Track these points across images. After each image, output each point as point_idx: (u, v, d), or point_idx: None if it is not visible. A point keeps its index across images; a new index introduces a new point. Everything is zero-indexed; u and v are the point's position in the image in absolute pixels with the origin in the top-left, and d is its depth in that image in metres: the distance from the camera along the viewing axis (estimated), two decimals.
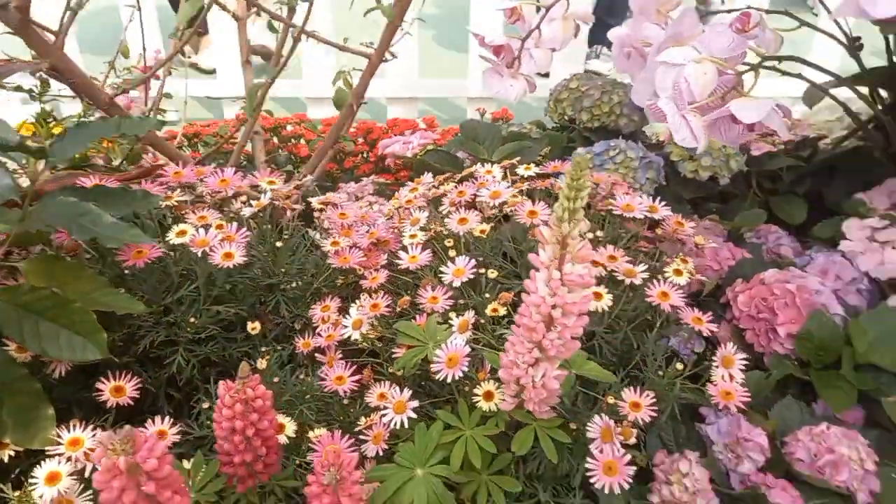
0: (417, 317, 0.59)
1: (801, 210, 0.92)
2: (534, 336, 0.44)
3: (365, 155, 1.16)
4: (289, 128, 1.24)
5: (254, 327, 0.65)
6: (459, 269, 0.58)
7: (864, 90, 0.89)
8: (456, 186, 0.67)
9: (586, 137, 0.96)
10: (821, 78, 0.85)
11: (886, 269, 0.78)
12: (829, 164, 0.96)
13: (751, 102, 0.56)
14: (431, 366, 0.54)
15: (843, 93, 0.90)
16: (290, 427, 0.56)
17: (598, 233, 0.63)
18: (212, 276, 0.64)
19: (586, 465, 0.50)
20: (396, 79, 1.76)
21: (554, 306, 0.42)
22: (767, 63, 0.70)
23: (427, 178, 0.71)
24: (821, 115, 1.09)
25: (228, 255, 0.61)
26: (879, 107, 0.88)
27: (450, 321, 0.57)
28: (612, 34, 0.85)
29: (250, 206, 0.70)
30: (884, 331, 0.71)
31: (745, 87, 0.62)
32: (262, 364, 0.62)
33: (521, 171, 0.71)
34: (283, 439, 0.54)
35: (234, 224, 0.65)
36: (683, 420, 0.69)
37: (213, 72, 2.03)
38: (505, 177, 0.71)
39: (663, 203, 0.67)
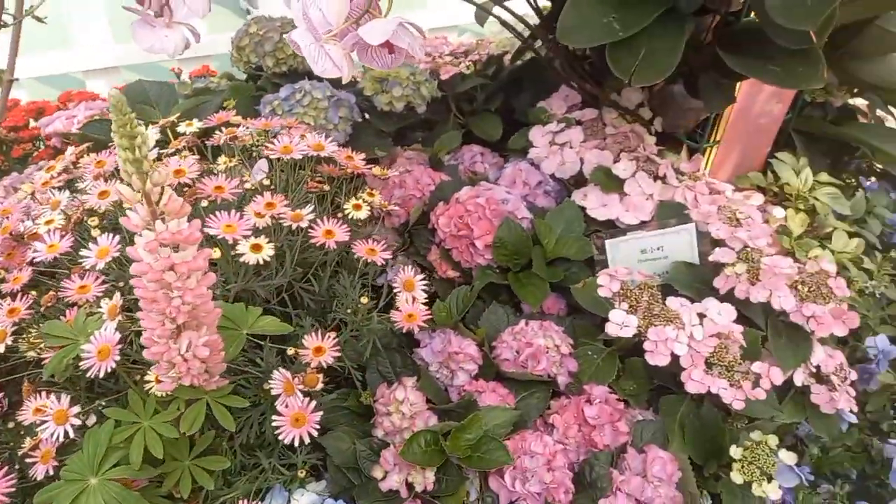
0: (68, 311, 0.51)
1: (496, 126, 0.95)
2: (158, 307, 0.39)
3: (40, 140, 1.01)
4: None
5: None
6: (103, 248, 0.51)
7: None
8: (96, 156, 0.59)
9: (276, 84, 0.91)
10: None
11: (567, 168, 0.84)
12: (515, 78, 1.01)
13: (377, 24, 0.54)
14: (81, 363, 0.47)
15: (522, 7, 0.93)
16: None
17: (266, 181, 0.59)
18: None
19: (273, 423, 0.47)
20: (88, 49, 1.56)
21: (165, 270, 0.37)
22: None
23: (68, 153, 0.62)
24: (505, 33, 1.14)
25: None
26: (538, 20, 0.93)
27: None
28: None
29: None
30: (567, 225, 0.77)
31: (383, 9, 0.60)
32: None
33: (182, 128, 0.64)
34: None
35: None
36: (404, 348, 0.69)
37: None
38: (165, 137, 0.64)
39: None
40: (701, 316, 0.64)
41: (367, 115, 0.92)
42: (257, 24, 0.93)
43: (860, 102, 1.03)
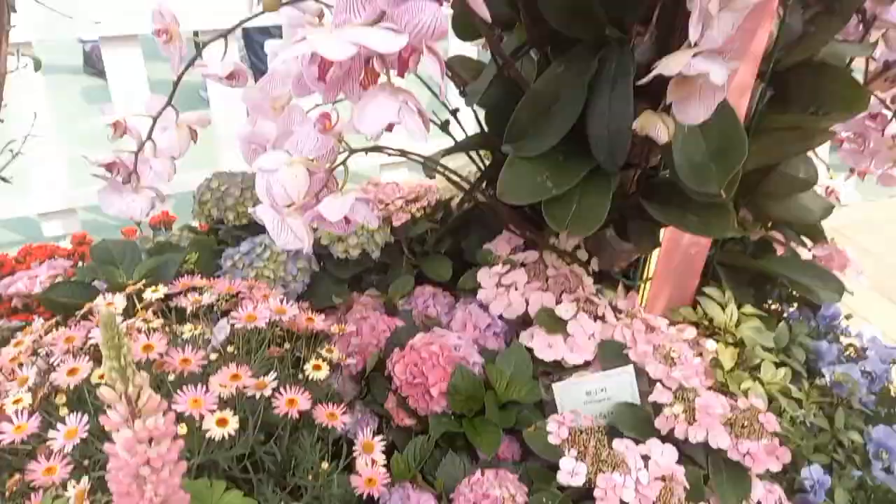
0: (34, 495, 0.52)
1: (446, 267, 1.01)
2: (131, 500, 0.41)
3: None
4: None
5: None
6: (72, 429, 0.53)
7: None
8: (66, 331, 0.62)
9: (236, 236, 0.95)
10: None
11: (513, 310, 0.89)
12: (463, 221, 1.08)
13: (335, 201, 0.60)
14: None
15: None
16: None
17: (229, 348, 0.63)
18: None
19: None
20: (44, 191, 1.60)
21: (140, 465, 0.39)
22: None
23: (36, 324, 0.64)
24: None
25: None
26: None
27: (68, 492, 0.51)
28: (237, 133, 0.86)
29: None
30: (517, 367, 0.81)
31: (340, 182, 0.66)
32: None
33: (148, 294, 0.67)
34: None
35: None
36: None
37: None
38: (131, 304, 0.67)
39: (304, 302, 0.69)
40: (645, 458, 0.68)
41: (323, 263, 0.97)
42: (218, 180, 0.99)
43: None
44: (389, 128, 0.46)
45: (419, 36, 0.39)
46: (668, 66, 0.56)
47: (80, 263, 1.10)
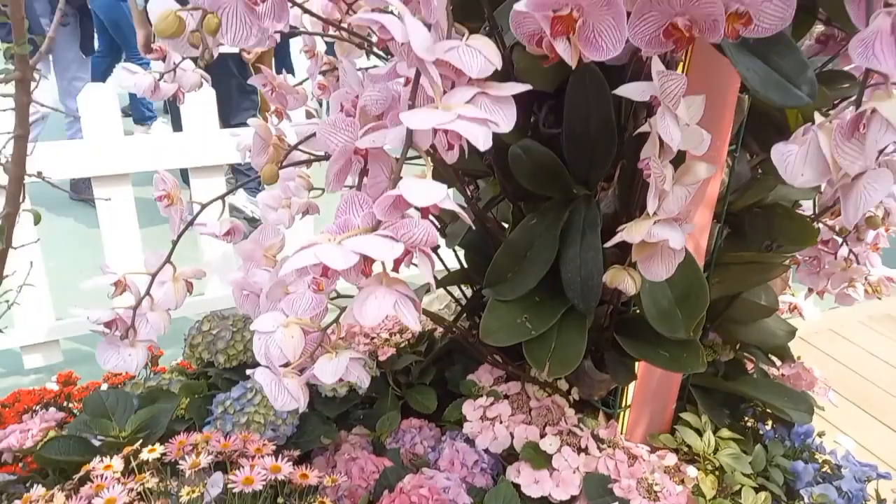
0: None
1: (431, 399, 1.04)
2: None
3: None
4: None
5: None
6: None
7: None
8: (66, 499, 0.63)
9: (227, 379, 0.98)
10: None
11: (499, 443, 0.92)
12: (446, 352, 1.12)
13: (329, 363, 0.63)
14: None
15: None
16: None
17: None
18: None
19: None
20: (26, 324, 1.61)
21: None
22: None
23: (35, 491, 0.65)
24: (433, 305, 1.28)
25: None
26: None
27: None
28: (230, 280, 0.91)
29: None
30: None
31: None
32: None
33: (144, 454, 0.69)
34: None
35: None
36: None
37: None
38: (128, 466, 0.68)
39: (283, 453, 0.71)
40: None
41: (311, 402, 0.99)
42: (210, 322, 1.02)
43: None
44: None
45: (413, 245, 0.44)
46: (631, 234, 0.62)
47: (67, 404, 1.11)
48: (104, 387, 1.14)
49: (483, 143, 0.44)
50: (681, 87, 0.53)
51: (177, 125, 2.28)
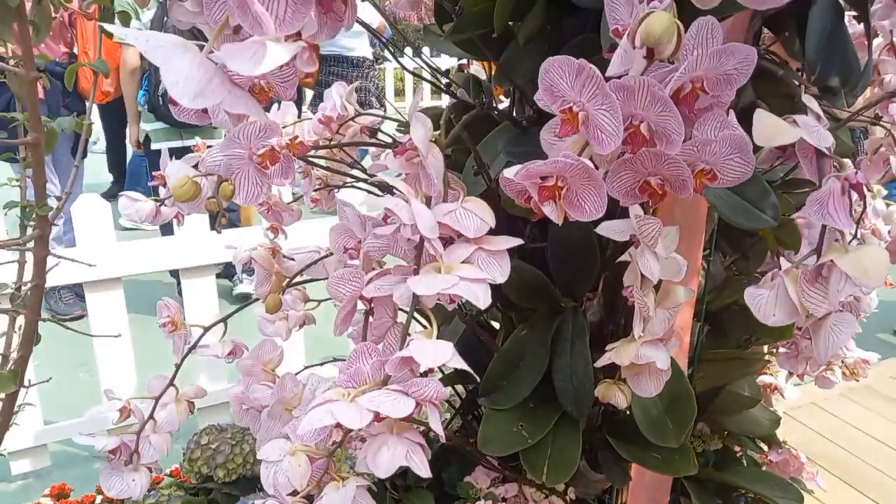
0: None
1: (429, 503, 1.05)
2: None
3: None
4: None
5: None
6: None
7: None
8: None
9: (226, 493, 0.98)
10: None
11: None
12: (441, 450, 1.13)
13: (336, 495, 0.65)
14: None
15: None
16: None
17: None
18: None
19: None
20: (15, 429, 1.59)
21: None
22: None
23: None
24: None
25: None
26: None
27: None
28: (229, 394, 0.92)
29: None
30: None
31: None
32: None
33: None
34: None
35: None
36: None
37: None
38: None
39: None
40: None
41: None
42: (209, 436, 1.03)
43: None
44: None
45: (423, 400, 0.47)
46: (620, 356, 0.66)
47: None
48: (98, 500, 1.14)
49: (483, 302, 0.48)
50: (658, 230, 0.58)
51: (166, 228, 2.33)
